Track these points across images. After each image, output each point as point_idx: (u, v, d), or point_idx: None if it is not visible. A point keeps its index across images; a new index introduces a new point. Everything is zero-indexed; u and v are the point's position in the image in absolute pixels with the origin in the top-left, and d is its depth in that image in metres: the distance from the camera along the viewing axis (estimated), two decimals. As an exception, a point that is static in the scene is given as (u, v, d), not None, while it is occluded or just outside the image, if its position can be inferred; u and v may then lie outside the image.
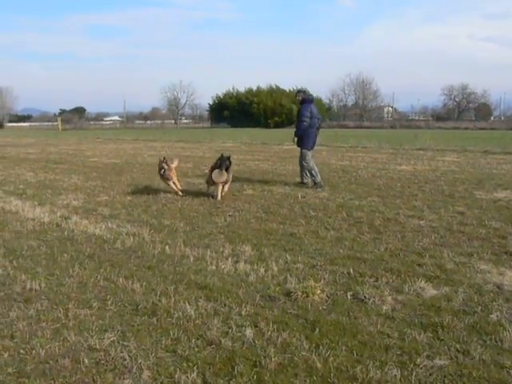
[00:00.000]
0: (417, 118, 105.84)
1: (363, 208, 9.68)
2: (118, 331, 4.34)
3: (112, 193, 11.80)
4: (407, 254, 6.55)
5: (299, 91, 13.73)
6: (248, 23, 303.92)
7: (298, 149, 12.97)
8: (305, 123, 12.49)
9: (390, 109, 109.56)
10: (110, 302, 4.97)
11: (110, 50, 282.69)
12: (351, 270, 5.85)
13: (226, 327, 4.39)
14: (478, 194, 11.20)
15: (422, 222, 8.43)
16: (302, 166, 12.89)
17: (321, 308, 4.81)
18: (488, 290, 5.24)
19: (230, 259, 6.30)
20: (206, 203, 10.31)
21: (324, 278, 5.61)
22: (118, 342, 4.15)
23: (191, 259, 6.35)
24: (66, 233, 7.88)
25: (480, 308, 4.76)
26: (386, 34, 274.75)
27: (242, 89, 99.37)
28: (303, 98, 12.88)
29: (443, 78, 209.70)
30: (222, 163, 10.60)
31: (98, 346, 4.08)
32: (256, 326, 4.40)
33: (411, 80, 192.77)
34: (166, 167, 11.21)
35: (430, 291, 5.20)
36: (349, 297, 5.07)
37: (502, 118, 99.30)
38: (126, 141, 40.03)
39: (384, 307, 4.79)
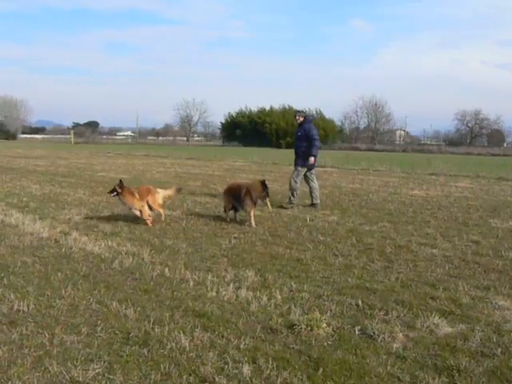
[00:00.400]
0: (429, 142, 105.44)
1: (374, 234, 9.31)
2: (104, 362, 4.00)
3: (116, 209, 11.50)
4: (419, 286, 6.17)
5: (299, 111, 13.47)
6: (261, 43, 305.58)
7: (298, 167, 12.81)
8: (318, 141, 12.69)
9: (402, 132, 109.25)
10: (99, 328, 4.63)
11: (125, 66, 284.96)
12: (360, 302, 5.49)
13: (222, 362, 4.03)
14: (493, 223, 10.79)
15: (434, 251, 8.05)
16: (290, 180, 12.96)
17: (326, 344, 4.44)
18: (508, 330, 4.85)
19: (231, 285, 5.95)
20: (211, 223, 9.98)
21: (330, 310, 5.25)
22: (103, 375, 3.81)
23: (191, 283, 6.01)
24: (63, 250, 7.59)
25: (500, 350, 4.37)
26: (399, 57, 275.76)
27: (254, 108, 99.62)
28: (305, 118, 12.91)
29: (456, 103, 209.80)
30: (266, 189, 10.23)
31: (80, 379, 3.75)
32: (254, 363, 4.04)
33: (424, 104, 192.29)
34: (119, 190, 9.84)
35: (445, 328, 4.81)
36: (356, 332, 4.69)
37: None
38: (136, 156, 39.92)
39: (394, 345, 4.42)
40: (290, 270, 6.76)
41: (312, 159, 12.55)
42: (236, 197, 10.05)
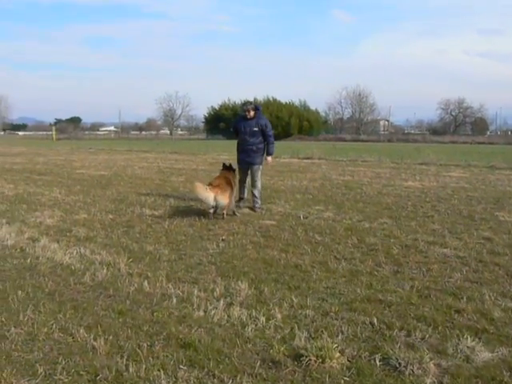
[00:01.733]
0: (413, 131, 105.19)
1: (375, 232, 8.48)
2: (63, 418, 3.12)
3: (93, 210, 10.56)
4: (439, 295, 5.34)
5: (250, 103, 11.24)
6: (244, 36, 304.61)
7: (259, 166, 10.98)
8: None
9: (386, 122, 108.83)
10: (60, 368, 3.73)
11: (108, 61, 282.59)
12: (374, 319, 4.63)
13: (214, 415, 3.17)
14: (500, 216, 9.99)
15: (446, 251, 7.23)
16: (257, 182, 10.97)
17: (342, 382, 3.58)
18: (558, 354, 4.02)
19: (222, 301, 5.07)
20: (196, 224, 9.08)
21: (341, 331, 4.39)
22: None
23: (174, 301, 5.11)
24: (28, 260, 6.66)
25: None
26: (382, 47, 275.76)
27: (238, 101, 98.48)
28: (257, 110, 10.95)
29: (439, 92, 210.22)
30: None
31: None
32: (256, 414, 3.17)
33: (407, 94, 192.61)
34: None
35: (483, 354, 3.96)
36: (377, 362, 3.82)
37: (499, 133, 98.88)
38: (118, 152, 38.76)
39: (427, 380, 3.57)
40: (288, 279, 5.88)
41: (270, 159, 11.29)
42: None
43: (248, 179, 10.98)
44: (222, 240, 7.86)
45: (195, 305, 5.00)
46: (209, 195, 9.20)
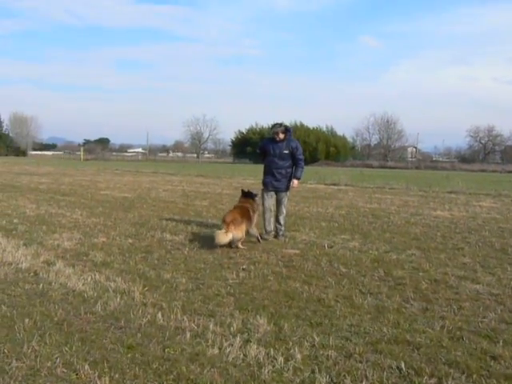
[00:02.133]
0: (441, 159, 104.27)
1: (403, 264, 8.09)
2: None
3: (113, 233, 10.36)
4: (472, 338, 4.94)
5: (280, 124, 10.42)
6: (272, 60, 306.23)
7: (287, 192, 10.51)
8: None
9: (414, 149, 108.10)
10: (60, 410, 3.45)
11: (137, 83, 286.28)
12: (402, 364, 4.25)
13: None
14: (535, 250, 9.52)
15: (478, 287, 6.81)
16: (283, 208, 10.49)
17: None
18: None
19: (238, 337, 4.75)
20: (216, 251, 8.76)
21: (366, 376, 4.03)
22: None
23: (187, 336, 4.80)
24: (41, 285, 6.42)
25: None
26: (410, 74, 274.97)
27: (265, 125, 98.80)
28: (287, 131, 10.32)
29: (469, 119, 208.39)
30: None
31: None
32: None
33: (435, 121, 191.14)
34: None
35: (524, 409, 3.58)
36: (406, 415, 3.47)
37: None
38: (144, 173, 38.88)
39: None
40: (310, 314, 5.53)
41: (297, 183, 10.46)
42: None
43: (272, 205, 10.45)
44: (243, 269, 7.55)
45: (210, 341, 4.68)
46: (228, 238, 8.84)
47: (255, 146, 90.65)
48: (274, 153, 10.24)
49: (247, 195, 10.07)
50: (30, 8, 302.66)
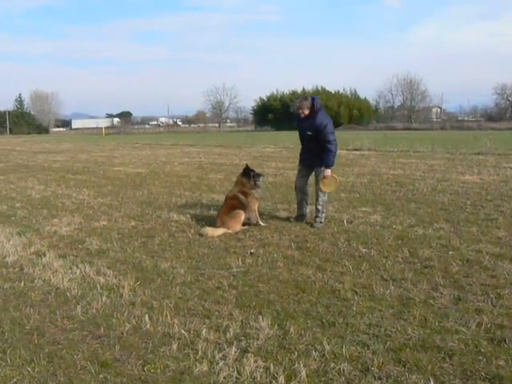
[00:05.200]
0: (467, 118, 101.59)
1: (430, 241, 7.23)
2: None
3: (116, 215, 9.67)
4: (516, 338, 4.11)
5: (305, 98, 8.66)
6: (292, 25, 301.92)
7: (322, 169, 8.65)
8: (336, 146, 8.55)
9: (438, 110, 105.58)
10: None
11: (156, 55, 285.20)
12: (431, 380, 3.46)
13: None
14: None
15: (517, 267, 5.96)
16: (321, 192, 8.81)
17: None
18: None
19: (234, 347, 3.99)
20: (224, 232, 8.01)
21: (386, 400, 3.25)
22: None
23: (174, 347, 4.05)
24: (22, 283, 5.74)
25: None
26: (434, 33, 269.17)
27: (286, 91, 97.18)
28: (314, 107, 8.39)
29: (495, 77, 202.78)
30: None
31: None
32: None
33: (460, 79, 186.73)
34: None
35: None
36: None
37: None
38: (163, 146, 38.11)
39: None
40: (321, 312, 4.74)
41: (329, 172, 8.54)
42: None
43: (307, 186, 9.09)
44: (250, 253, 6.79)
45: (200, 352, 3.94)
46: (221, 231, 8.04)
47: (276, 113, 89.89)
48: (302, 133, 8.86)
49: (244, 174, 8.80)
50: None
